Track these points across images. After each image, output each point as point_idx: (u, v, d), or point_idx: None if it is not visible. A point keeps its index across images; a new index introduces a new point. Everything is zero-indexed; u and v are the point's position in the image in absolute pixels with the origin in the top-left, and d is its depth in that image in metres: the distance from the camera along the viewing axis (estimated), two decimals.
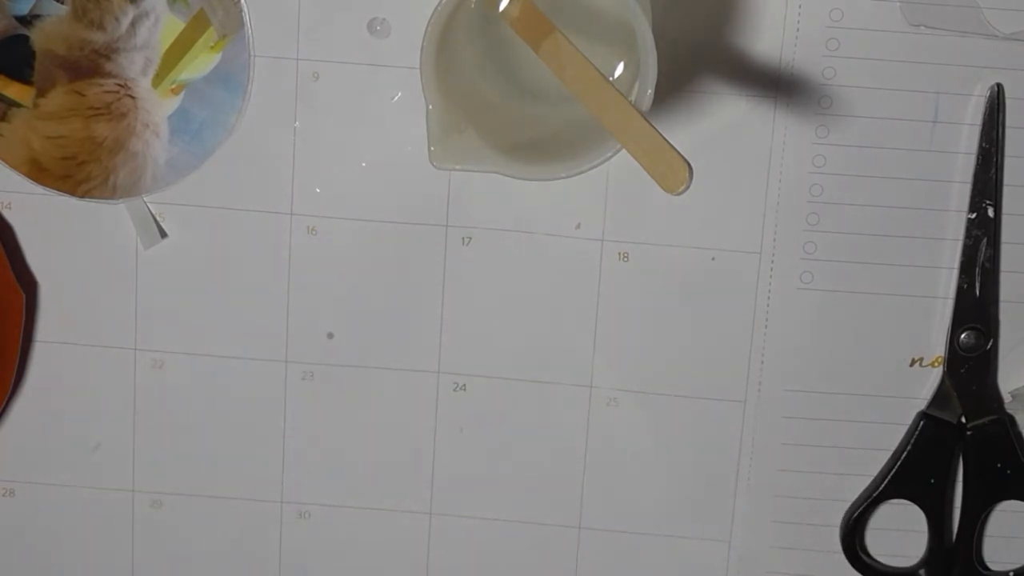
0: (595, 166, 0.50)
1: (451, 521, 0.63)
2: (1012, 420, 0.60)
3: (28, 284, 0.61)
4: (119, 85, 0.58)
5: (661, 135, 0.46)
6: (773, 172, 0.58)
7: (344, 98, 0.58)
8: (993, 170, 0.57)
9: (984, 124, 0.57)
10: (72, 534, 0.64)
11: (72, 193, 0.59)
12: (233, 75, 0.58)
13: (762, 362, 0.60)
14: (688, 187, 0.46)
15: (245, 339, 0.61)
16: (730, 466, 0.61)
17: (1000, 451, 0.60)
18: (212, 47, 0.58)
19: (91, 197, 0.59)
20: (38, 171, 0.59)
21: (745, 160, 0.58)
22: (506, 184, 0.51)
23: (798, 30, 0.57)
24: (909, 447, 0.60)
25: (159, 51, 0.58)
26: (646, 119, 0.46)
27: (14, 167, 0.59)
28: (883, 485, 0.60)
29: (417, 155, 0.52)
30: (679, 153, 0.46)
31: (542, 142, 0.53)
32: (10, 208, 0.60)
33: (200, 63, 0.58)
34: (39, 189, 0.59)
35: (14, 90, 0.58)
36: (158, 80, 0.58)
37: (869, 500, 0.61)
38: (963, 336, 0.59)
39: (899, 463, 0.60)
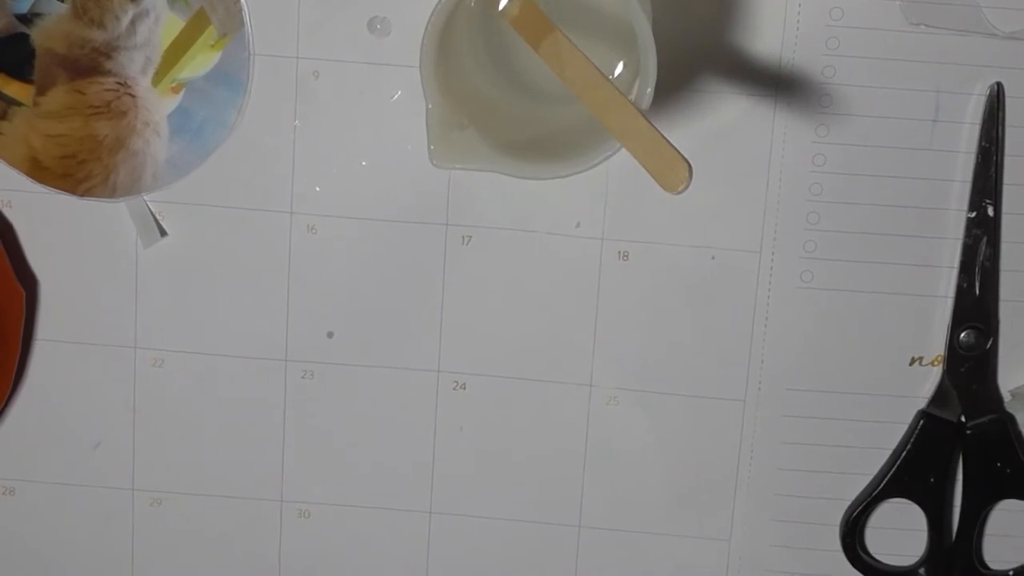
0: (595, 165, 0.50)
1: (451, 520, 0.63)
2: (1012, 419, 0.60)
3: (28, 282, 0.61)
4: (119, 83, 0.58)
5: (661, 134, 0.46)
6: (773, 171, 0.58)
7: (344, 97, 0.58)
8: (993, 169, 0.57)
9: (984, 123, 0.57)
10: (72, 533, 0.64)
11: (72, 192, 0.59)
12: (233, 74, 0.58)
13: (762, 361, 0.60)
14: (688, 186, 0.46)
15: (245, 338, 0.61)
16: (730, 465, 0.61)
17: (1000, 450, 0.60)
18: (212, 45, 0.58)
19: (91, 196, 0.59)
20: (38, 169, 0.59)
21: (745, 159, 0.58)
22: (506, 184, 0.51)
23: (798, 29, 0.57)
24: (909, 446, 0.60)
25: (159, 49, 0.58)
26: (646, 118, 0.46)
27: (14, 165, 0.59)
28: (883, 484, 0.60)
29: (417, 154, 0.52)
30: (679, 152, 0.46)
31: (542, 141, 0.53)
32: (10, 207, 0.60)
33: (200, 62, 0.58)
34: (39, 188, 0.59)
35: (14, 88, 0.58)
36: (158, 78, 0.58)
37: (869, 499, 0.61)
38: (963, 335, 0.59)
39: (899, 462, 0.60)
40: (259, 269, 0.60)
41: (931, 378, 0.60)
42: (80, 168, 0.59)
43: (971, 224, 0.58)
